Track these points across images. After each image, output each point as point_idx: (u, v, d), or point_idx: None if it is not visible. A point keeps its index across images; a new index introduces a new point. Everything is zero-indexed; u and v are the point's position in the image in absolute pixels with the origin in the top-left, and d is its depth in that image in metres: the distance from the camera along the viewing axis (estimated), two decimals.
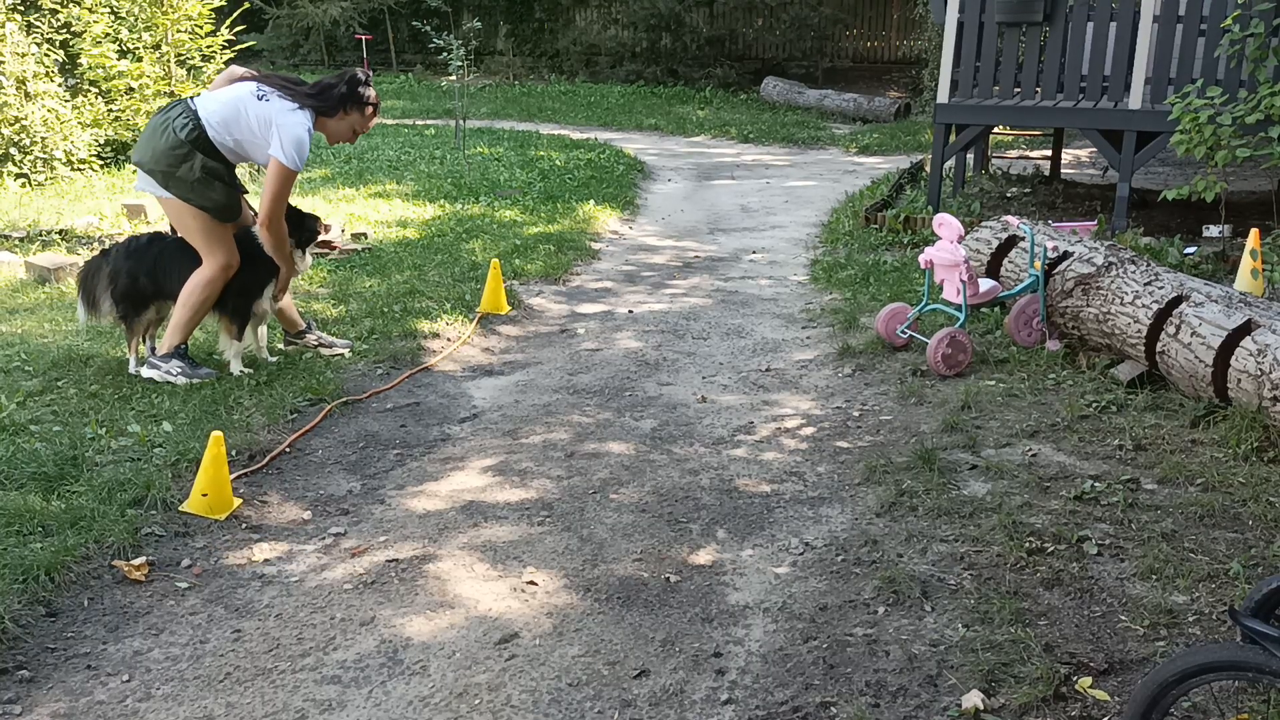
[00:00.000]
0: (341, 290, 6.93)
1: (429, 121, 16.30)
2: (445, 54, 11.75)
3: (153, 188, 5.14)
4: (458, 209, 9.55)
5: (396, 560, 3.76)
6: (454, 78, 12.21)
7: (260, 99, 5.10)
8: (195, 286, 5.17)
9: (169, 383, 5.20)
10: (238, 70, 5.43)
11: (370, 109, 5.35)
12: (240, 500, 4.13)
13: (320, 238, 5.65)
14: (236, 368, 5.39)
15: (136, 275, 5.20)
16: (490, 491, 4.30)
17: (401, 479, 4.41)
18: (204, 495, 3.99)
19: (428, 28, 13.08)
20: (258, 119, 5.08)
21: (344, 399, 5.17)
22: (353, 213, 9.27)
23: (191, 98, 5.27)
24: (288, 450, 4.63)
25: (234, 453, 4.46)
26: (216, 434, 4.02)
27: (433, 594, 3.55)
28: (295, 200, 6.09)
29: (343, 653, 3.22)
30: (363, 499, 4.24)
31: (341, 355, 5.74)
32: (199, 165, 5.05)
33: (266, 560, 3.76)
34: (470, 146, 12.93)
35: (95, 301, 5.25)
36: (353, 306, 6.55)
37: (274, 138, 5.05)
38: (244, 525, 3.99)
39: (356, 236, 8.40)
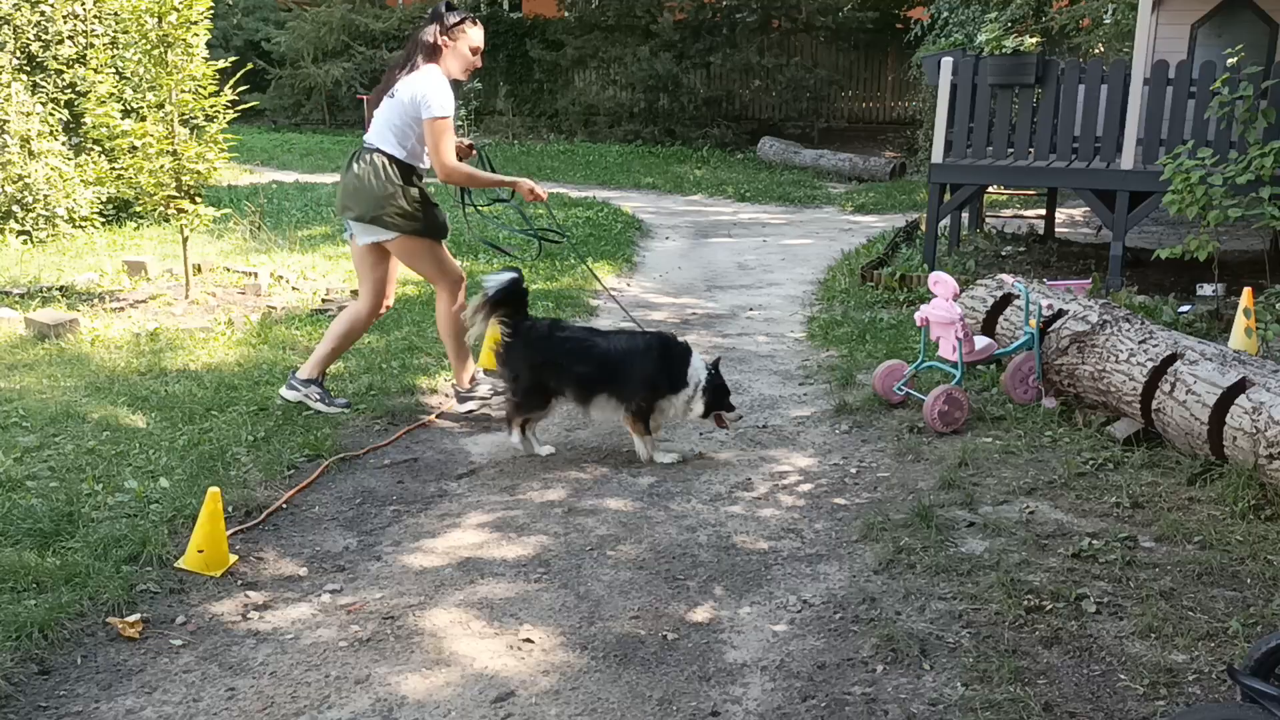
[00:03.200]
0: None
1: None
2: None
3: (374, 235, 5.49)
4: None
5: (392, 618, 3.74)
6: None
7: (393, 97, 5.39)
8: (444, 316, 5.72)
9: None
10: (373, 99, 5.66)
11: (461, 24, 5.44)
12: (236, 557, 4.11)
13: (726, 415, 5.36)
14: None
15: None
16: (487, 548, 4.29)
17: (398, 535, 4.40)
18: (200, 551, 3.98)
19: None
20: (407, 112, 5.35)
21: (341, 455, 5.17)
22: (352, 270, 9.30)
23: (365, 143, 5.53)
24: (285, 506, 4.62)
25: (230, 509, 4.45)
26: (213, 490, 4.02)
27: (428, 652, 3.52)
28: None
29: (337, 711, 3.20)
30: (359, 555, 4.22)
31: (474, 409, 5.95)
32: (405, 194, 5.41)
33: (261, 617, 3.74)
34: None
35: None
36: (351, 363, 6.57)
37: (422, 108, 5.30)
38: (240, 582, 3.98)
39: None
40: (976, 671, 3.33)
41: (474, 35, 5.50)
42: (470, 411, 5.88)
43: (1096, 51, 13.66)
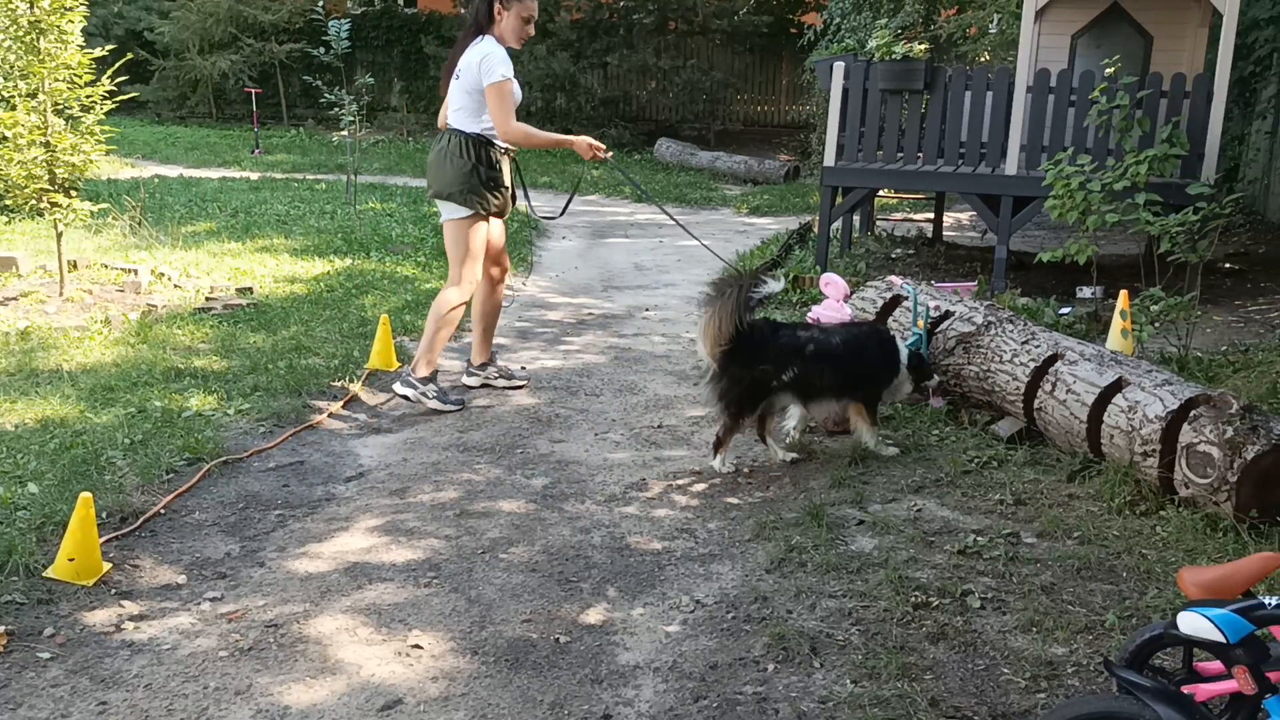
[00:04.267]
0: (225, 346, 6.74)
1: (320, 176, 16.10)
2: (337, 109, 11.65)
3: (454, 211, 5.77)
4: (348, 264, 9.41)
5: (276, 625, 3.62)
6: (346, 133, 12.11)
7: (459, 78, 5.69)
8: (482, 298, 6.12)
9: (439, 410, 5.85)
10: (444, 82, 5.92)
11: None
12: (110, 565, 3.95)
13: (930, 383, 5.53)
14: None
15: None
16: (376, 552, 4.19)
17: (283, 540, 4.28)
18: (71, 560, 3.81)
19: (319, 83, 12.95)
20: (473, 87, 5.63)
21: (224, 458, 5.01)
22: (238, 267, 9.07)
23: (446, 123, 5.85)
24: (162, 512, 4.45)
25: (104, 515, 4.28)
26: (85, 495, 3.85)
27: (313, 660, 3.43)
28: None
29: None
30: (241, 562, 4.09)
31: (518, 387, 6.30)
32: (483, 173, 5.70)
33: (137, 627, 3.59)
34: (362, 202, 12.80)
35: None
36: (236, 363, 6.38)
37: (483, 76, 5.58)
38: (113, 591, 3.81)
39: (242, 291, 8.21)
40: (865, 668, 3.36)
41: (528, 4, 5.74)
42: (470, 387, 6.24)
43: (983, 59, 14.05)
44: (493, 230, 5.99)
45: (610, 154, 5.91)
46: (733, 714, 3.16)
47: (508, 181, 5.89)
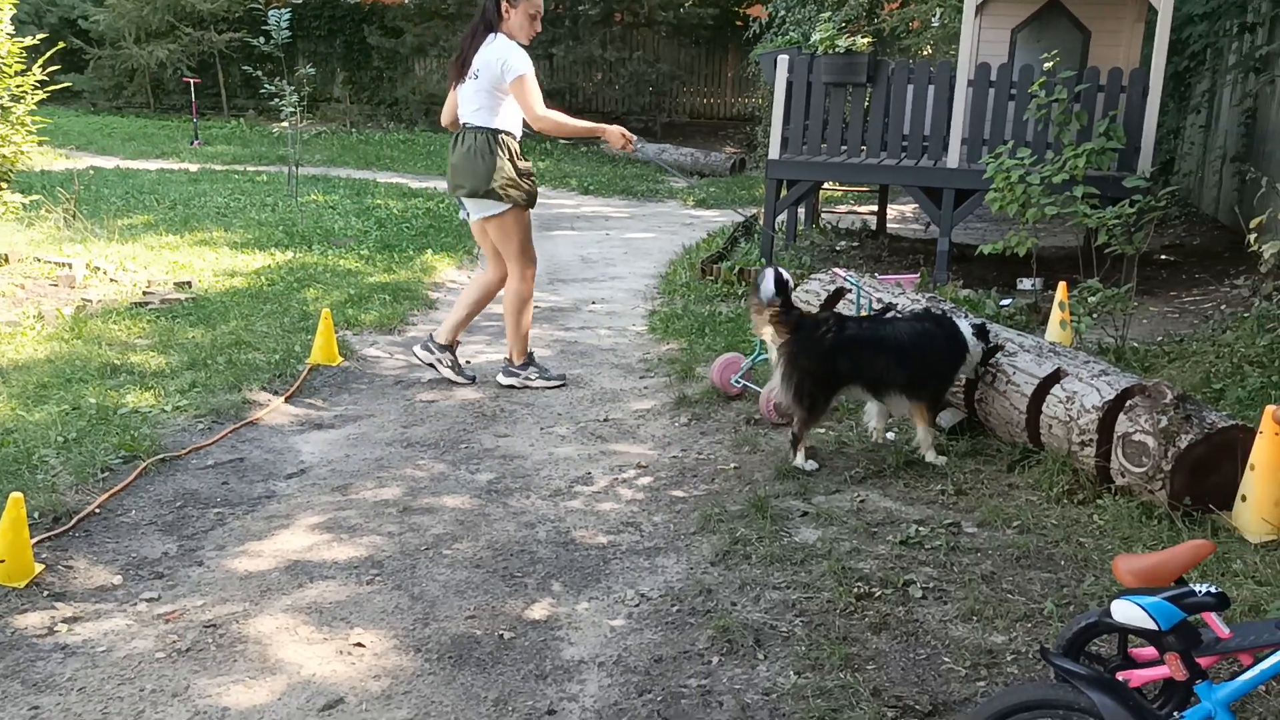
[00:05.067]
0: (163, 341, 6.62)
1: (261, 168, 15.87)
2: (278, 100, 11.49)
3: (486, 209, 5.90)
4: (289, 258, 9.29)
5: (214, 625, 3.57)
6: (286, 124, 11.94)
7: (476, 78, 5.79)
8: (512, 293, 6.09)
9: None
10: (452, 80, 6.06)
11: None
12: (42, 566, 3.86)
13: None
14: None
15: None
16: (317, 550, 4.14)
17: (222, 539, 4.21)
18: (1, 562, 3.72)
19: (260, 73, 12.75)
20: (493, 85, 5.75)
21: (161, 456, 4.92)
22: (177, 261, 8.91)
23: (464, 124, 5.94)
24: (97, 511, 4.36)
25: (36, 515, 4.18)
26: (16, 495, 3.76)
27: (252, 660, 3.38)
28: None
29: None
30: (179, 561, 4.02)
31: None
32: (509, 167, 5.80)
33: (70, 630, 3.52)
34: (304, 194, 12.64)
35: None
36: (174, 358, 6.27)
37: (505, 74, 5.71)
38: (46, 593, 3.73)
39: (180, 285, 8.07)
40: (809, 659, 3.38)
41: (534, 1, 5.86)
42: (420, 361, 6.29)
43: (925, 53, 14.18)
44: None
45: (641, 144, 6.00)
46: (677, 707, 3.16)
47: (533, 171, 6.07)
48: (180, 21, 21.75)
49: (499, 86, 5.76)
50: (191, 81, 19.70)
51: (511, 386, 6.17)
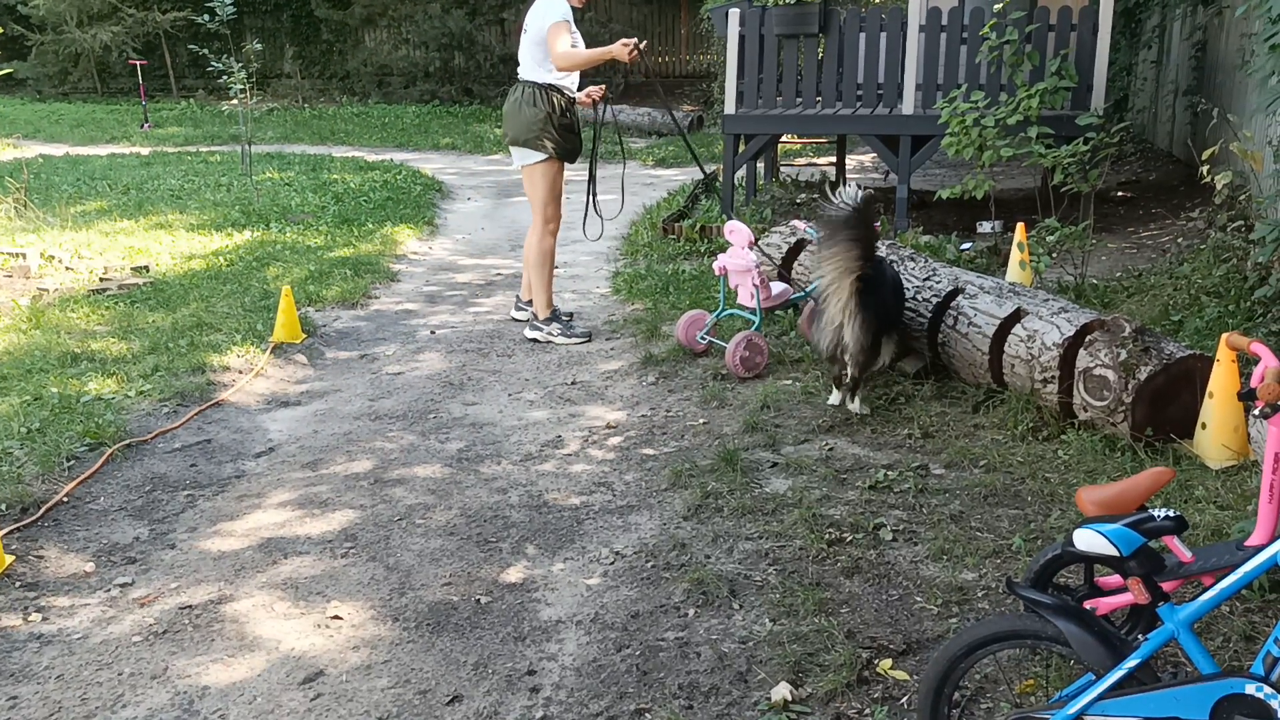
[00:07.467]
0: (123, 327, 6.55)
1: (214, 148, 15.66)
2: (226, 78, 11.32)
3: (524, 158, 6.20)
4: (247, 237, 9.20)
5: (190, 606, 3.56)
6: (236, 102, 11.78)
7: (526, 33, 6.11)
8: (534, 246, 6.35)
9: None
10: (515, 38, 6.33)
11: None
12: (13, 558, 3.84)
13: None
14: None
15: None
16: (290, 526, 4.13)
17: (193, 521, 4.19)
18: None
19: (206, 51, 12.54)
20: (540, 38, 6.01)
21: (127, 441, 4.88)
22: (133, 246, 8.80)
23: (518, 76, 6.26)
24: (65, 500, 4.34)
25: (3, 507, 4.15)
26: None
27: (230, 638, 3.38)
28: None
29: (132, 709, 3.03)
30: (151, 545, 4.00)
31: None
32: (554, 120, 6.09)
33: (45, 618, 3.50)
34: (259, 172, 12.49)
35: None
36: (135, 343, 6.21)
37: (546, 24, 5.96)
38: (18, 584, 3.71)
39: (138, 270, 7.97)
40: (783, 606, 3.42)
41: None
42: (518, 320, 6.73)
43: (876, 1, 14.12)
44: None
45: (644, 43, 6.15)
46: (655, 660, 3.20)
47: (579, 129, 6.34)
48: (123, 3, 21.33)
49: (542, 42, 6.02)
50: (138, 64, 19.37)
51: (535, 340, 6.41)
